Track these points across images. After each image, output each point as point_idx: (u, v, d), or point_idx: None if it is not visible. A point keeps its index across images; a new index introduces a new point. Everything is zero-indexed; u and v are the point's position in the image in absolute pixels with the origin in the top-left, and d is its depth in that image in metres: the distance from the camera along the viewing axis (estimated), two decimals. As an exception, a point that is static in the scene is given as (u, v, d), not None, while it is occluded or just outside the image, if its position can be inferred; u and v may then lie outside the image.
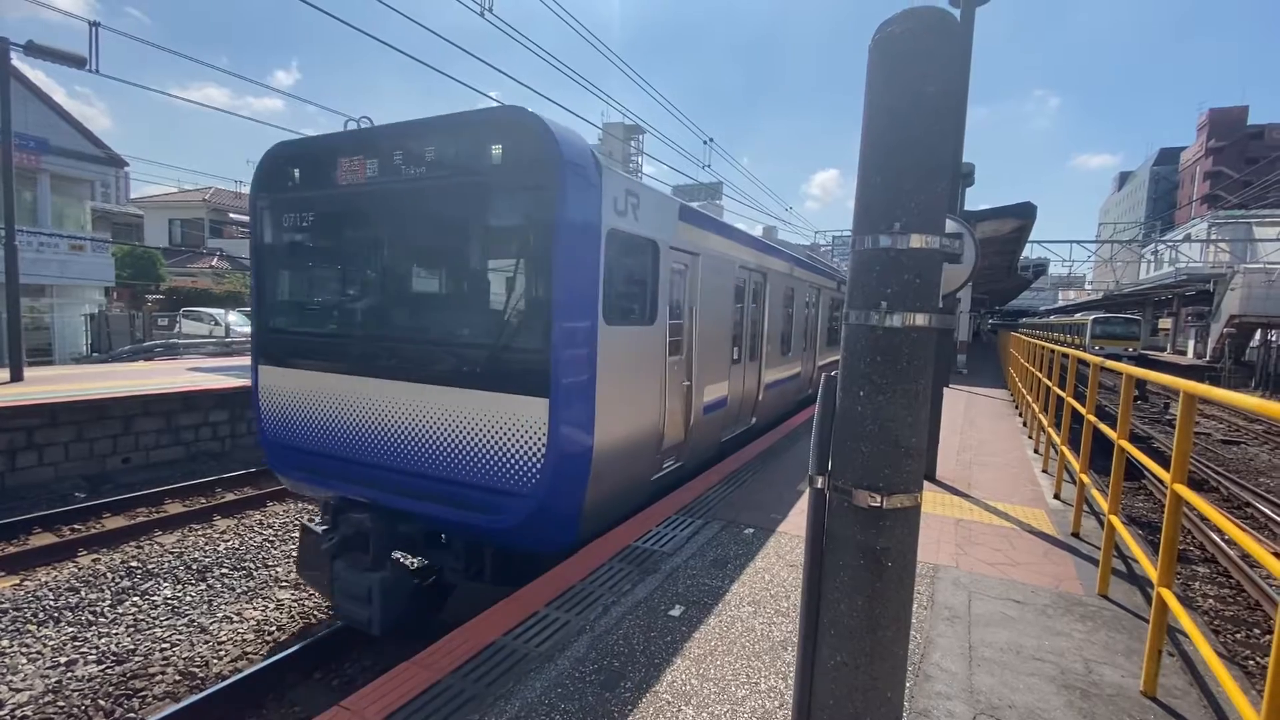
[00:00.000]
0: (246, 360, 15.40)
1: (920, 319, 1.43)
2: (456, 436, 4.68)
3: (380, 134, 4.98)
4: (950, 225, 5.21)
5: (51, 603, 6.01)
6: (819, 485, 1.60)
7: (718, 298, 7.27)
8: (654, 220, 5.50)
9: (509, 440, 4.47)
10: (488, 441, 4.56)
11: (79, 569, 6.80)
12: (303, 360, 5.51)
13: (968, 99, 6.51)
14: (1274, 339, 29.58)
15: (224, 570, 6.85)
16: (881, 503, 1.46)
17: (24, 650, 5.23)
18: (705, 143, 20.96)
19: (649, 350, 5.54)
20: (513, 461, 4.47)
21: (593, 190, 4.50)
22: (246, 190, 7.84)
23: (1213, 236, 35.14)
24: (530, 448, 4.39)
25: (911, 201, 1.40)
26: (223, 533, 8.00)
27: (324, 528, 5.25)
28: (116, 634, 5.53)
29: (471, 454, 4.63)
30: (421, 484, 4.85)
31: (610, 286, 4.81)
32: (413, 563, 6.09)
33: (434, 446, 4.79)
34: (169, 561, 7.00)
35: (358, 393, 5.14)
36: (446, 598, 5.47)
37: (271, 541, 7.73)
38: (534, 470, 4.38)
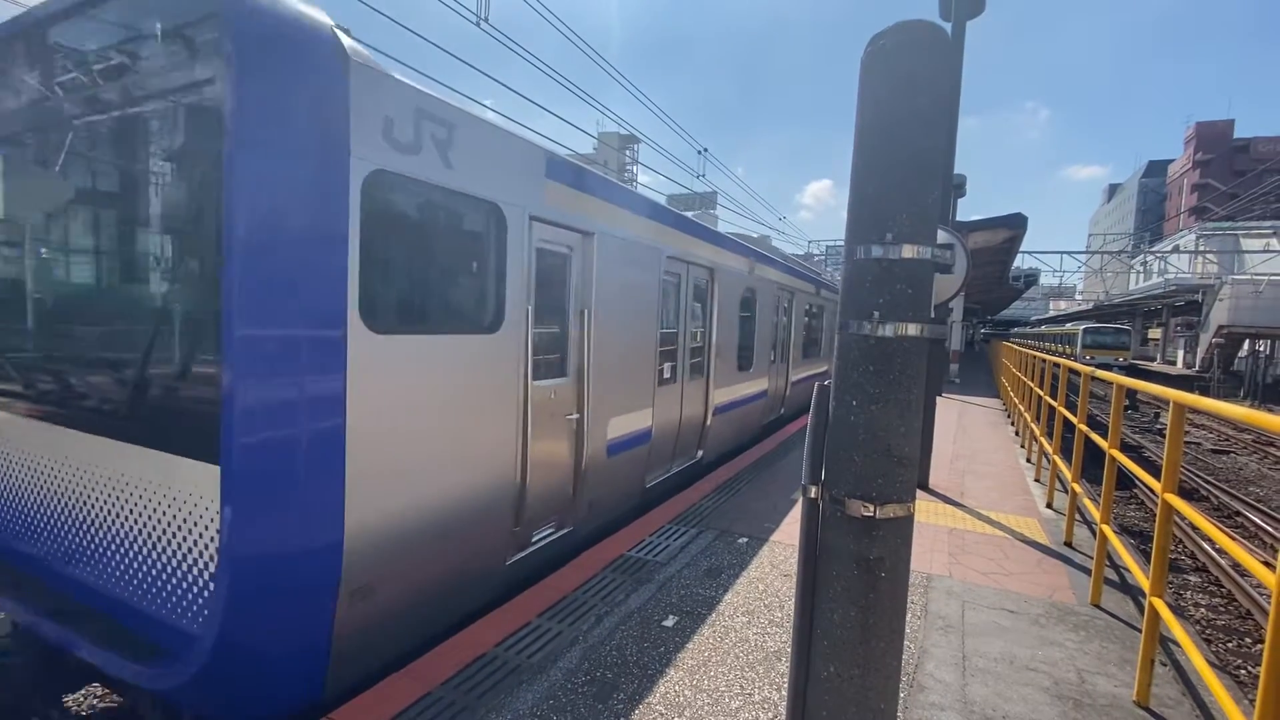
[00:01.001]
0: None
1: (912, 329, 1.44)
2: (102, 517, 2.95)
3: (45, 20, 3.09)
4: (942, 236, 5.24)
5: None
6: (812, 495, 1.60)
7: (632, 297, 5.44)
8: (492, 170, 3.64)
9: (166, 532, 2.69)
10: (136, 530, 2.80)
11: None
12: None
13: (959, 110, 6.58)
14: (1262, 349, 29.90)
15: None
16: (874, 512, 1.46)
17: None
18: (699, 153, 21.09)
19: (489, 371, 3.71)
20: (172, 570, 2.68)
21: (322, 90, 2.66)
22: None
23: (1200, 248, 35.57)
24: (195, 549, 2.60)
25: (903, 212, 1.42)
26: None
27: None
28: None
29: (118, 549, 2.88)
30: (73, 595, 3.08)
31: (384, 268, 3.07)
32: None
33: (81, 533, 3.05)
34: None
35: (7, 442, 3.41)
36: None
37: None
38: (201, 589, 2.59)
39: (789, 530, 5.30)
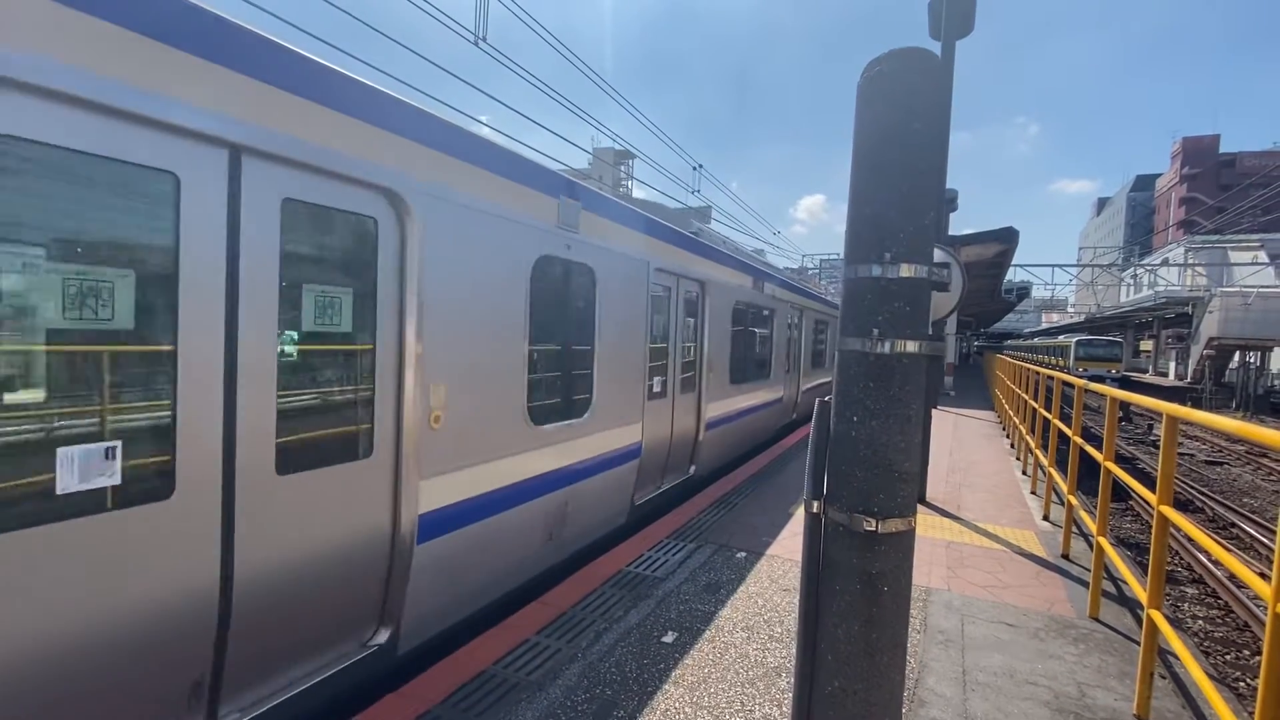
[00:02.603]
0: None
1: (911, 346, 1.47)
2: None
3: None
4: (938, 255, 5.30)
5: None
6: (815, 510, 1.62)
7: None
8: None
9: None
10: None
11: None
12: None
13: (950, 127, 6.68)
14: (1252, 361, 30.16)
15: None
16: (876, 527, 1.47)
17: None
18: (694, 169, 21.27)
19: None
20: None
21: None
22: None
23: (1189, 261, 36.00)
24: None
25: (900, 232, 1.45)
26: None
27: None
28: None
29: None
30: None
31: None
32: None
33: None
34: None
35: None
36: None
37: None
38: None
39: (787, 544, 5.30)
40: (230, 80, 2.50)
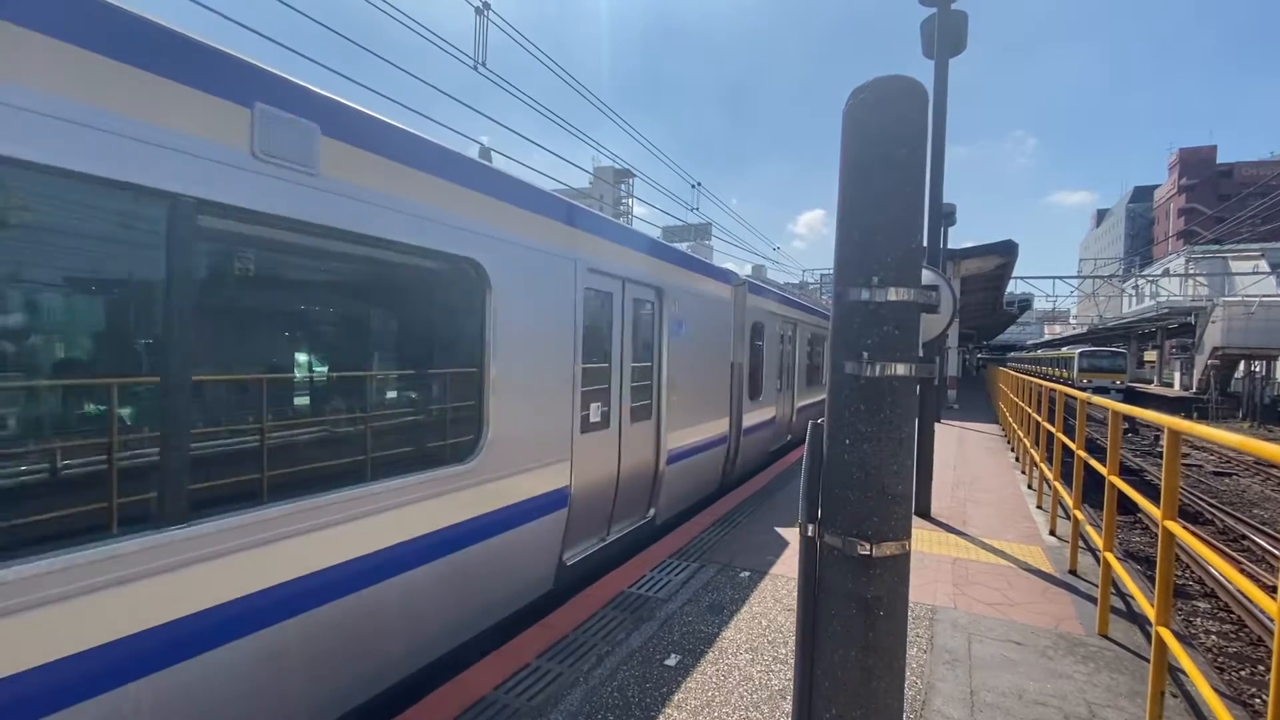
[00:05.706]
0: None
1: (901, 368, 1.48)
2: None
3: None
4: (928, 277, 5.35)
5: None
6: (810, 534, 1.61)
7: None
8: None
9: None
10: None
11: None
12: None
13: (944, 150, 6.73)
14: (1258, 370, 30.00)
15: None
16: (871, 551, 1.47)
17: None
18: (693, 186, 21.44)
19: None
20: None
21: None
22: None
23: (1190, 271, 36.00)
24: None
25: (888, 257, 1.47)
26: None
27: None
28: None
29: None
30: None
31: None
32: None
33: None
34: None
35: None
36: None
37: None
38: None
39: (791, 563, 5.25)
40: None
